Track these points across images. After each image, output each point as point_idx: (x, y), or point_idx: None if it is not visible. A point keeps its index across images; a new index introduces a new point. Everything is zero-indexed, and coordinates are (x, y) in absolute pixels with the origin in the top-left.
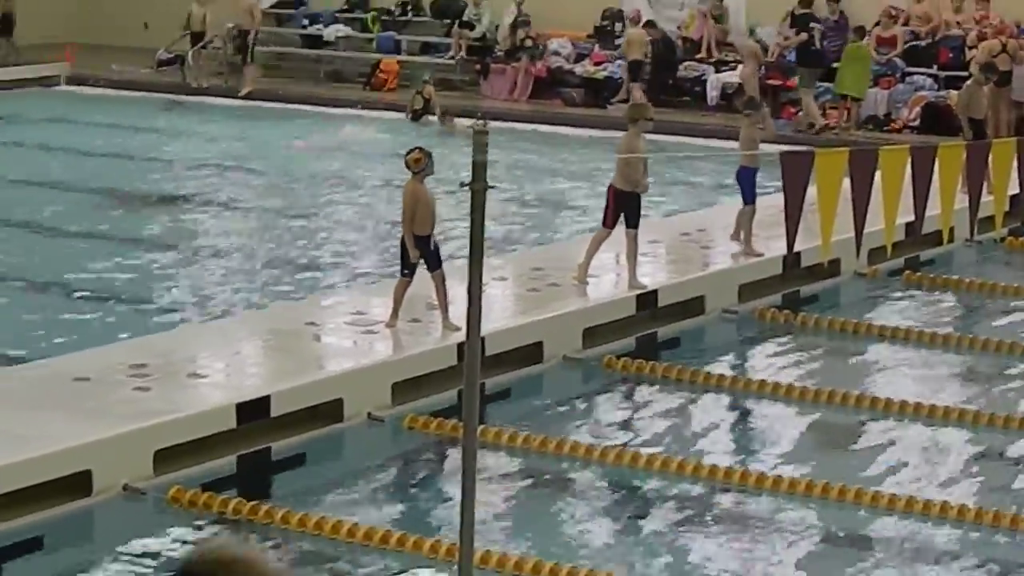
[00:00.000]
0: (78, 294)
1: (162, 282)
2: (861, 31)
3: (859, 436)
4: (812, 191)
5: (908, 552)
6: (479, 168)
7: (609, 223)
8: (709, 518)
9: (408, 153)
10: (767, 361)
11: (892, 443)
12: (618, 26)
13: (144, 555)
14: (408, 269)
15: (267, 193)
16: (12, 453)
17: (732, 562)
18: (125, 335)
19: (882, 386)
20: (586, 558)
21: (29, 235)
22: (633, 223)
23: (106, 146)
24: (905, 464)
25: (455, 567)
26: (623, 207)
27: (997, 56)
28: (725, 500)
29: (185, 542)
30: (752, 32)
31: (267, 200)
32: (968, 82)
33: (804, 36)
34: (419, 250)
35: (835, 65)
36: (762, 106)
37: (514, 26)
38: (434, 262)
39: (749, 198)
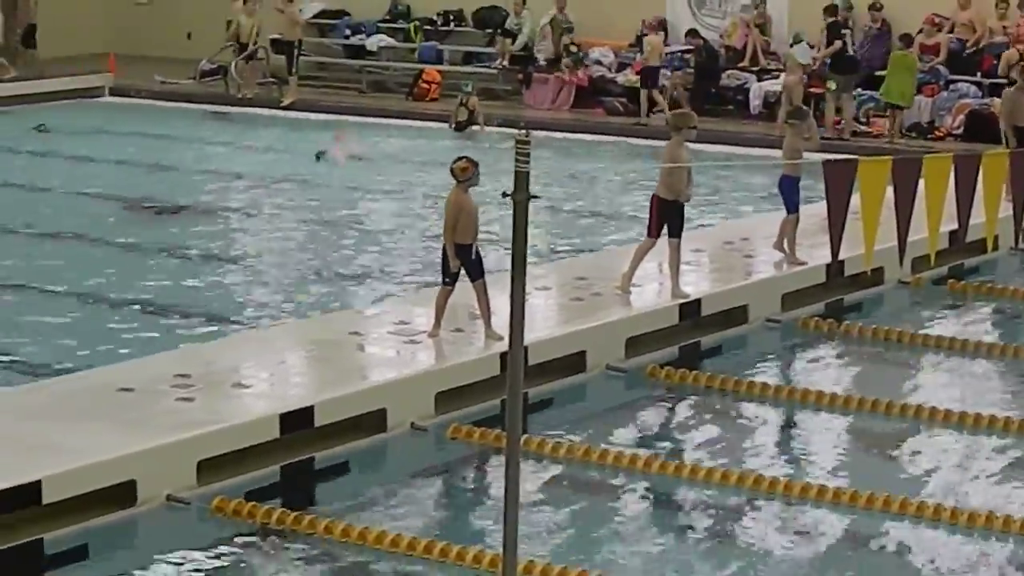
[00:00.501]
0: (122, 305)
1: (206, 292)
2: (907, 39)
3: (903, 445)
4: (855, 199)
5: (954, 563)
6: (521, 178)
7: (653, 232)
8: (753, 528)
9: (455, 161)
10: (810, 370)
11: (937, 452)
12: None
13: (188, 565)
14: (449, 278)
15: (309, 203)
16: (57, 464)
17: (777, 571)
18: (168, 346)
19: (927, 395)
20: (630, 569)
21: (74, 246)
22: (676, 232)
23: (150, 157)
24: (950, 474)
25: None
26: (666, 216)
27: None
28: (769, 510)
29: (229, 552)
30: (797, 41)
31: (310, 210)
32: (1010, 90)
33: (838, 44)
34: (460, 259)
35: (878, 73)
36: (808, 116)
37: (558, 33)
38: (476, 271)
39: (792, 207)
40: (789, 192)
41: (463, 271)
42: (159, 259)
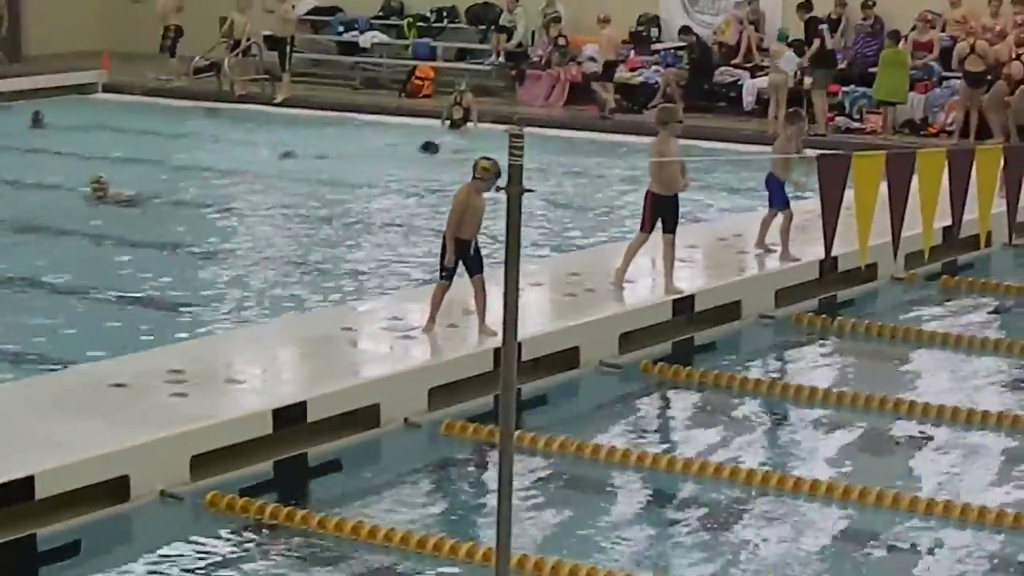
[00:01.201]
0: (115, 300)
1: (199, 288)
2: (896, 35)
3: (897, 440)
4: (849, 195)
5: (947, 557)
6: (515, 172)
7: (646, 227)
8: (746, 522)
9: (483, 159)
10: (803, 366)
11: (930, 447)
12: (654, 32)
13: (181, 560)
14: (446, 273)
15: (303, 199)
16: (50, 459)
17: (769, 566)
18: (162, 341)
19: (920, 391)
20: (622, 563)
21: (66, 241)
22: (671, 228)
23: (142, 153)
24: (944, 468)
25: (492, 572)
26: (660, 211)
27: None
28: (762, 504)
29: (222, 547)
30: (783, 37)
31: (304, 206)
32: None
33: (817, 43)
34: (459, 254)
35: (872, 70)
36: (803, 120)
37: (547, 25)
38: (475, 267)
39: (779, 203)
40: (775, 189)
41: (461, 267)
42: (151, 255)
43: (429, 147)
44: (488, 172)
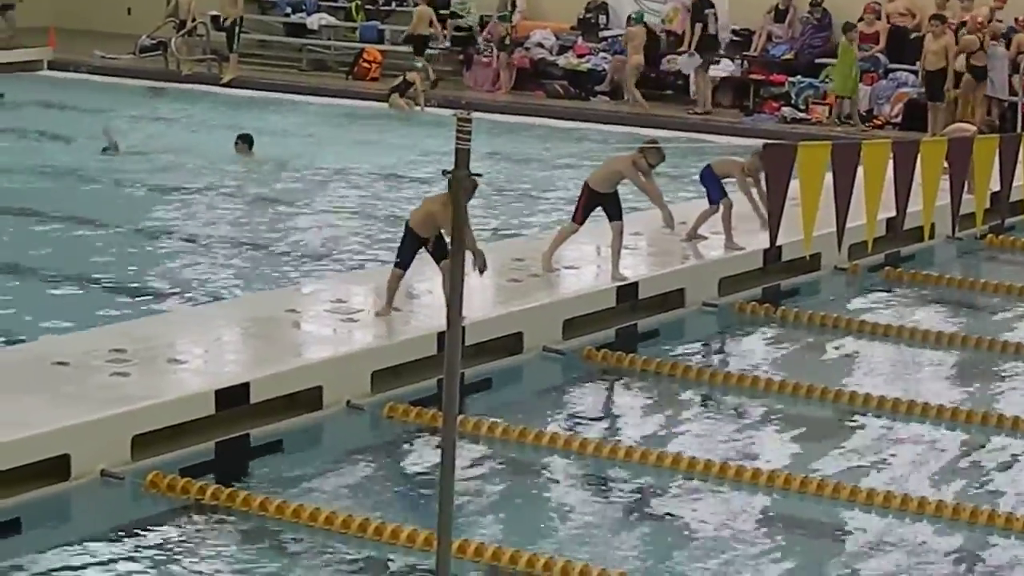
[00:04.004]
0: (58, 279)
1: (143, 268)
2: (850, 28)
3: (837, 430)
4: (794, 185)
5: (885, 548)
6: (462, 155)
7: (578, 219)
8: (685, 509)
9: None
10: (746, 354)
11: (870, 438)
12: (602, 19)
13: (122, 539)
14: (402, 260)
15: (249, 180)
16: None
17: (707, 554)
18: (105, 320)
19: (860, 381)
20: (563, 549)
21: (9, 219)
22: (617, 216)
23: (88, 131)
24: (883, 459)
25: (433, 556)
26: (595, 205)
27: (975, 53)
28: (702, 493)
29: (163, 527)
30: (638, 19)
31: (249, 187)
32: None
33: (699, 26)
34: (414, 248)
35: (818, 61)
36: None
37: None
38: (441, 253)
39: (717, 196)
40: (711, 183)
41: (421, 255)
42: (95, 233)
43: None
44: (468, 192)
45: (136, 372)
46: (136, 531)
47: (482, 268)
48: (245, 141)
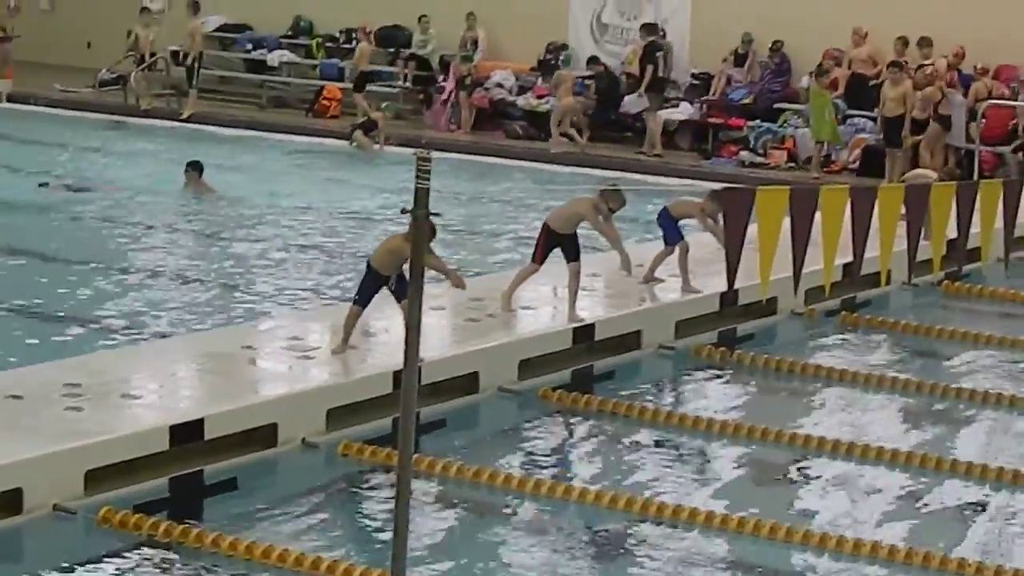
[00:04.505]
0: (12, 312)
1: (98, 302)
2: (820, 72)
3: (791, 473)
4: (752, 229)
5: None
6: (421, 194)
7: (537, 259)
8: (638, 551)
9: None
10: (702, 397)
11: (824, 482)
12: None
13: (73, 574)
14: (361, 297)
15: (205, 217)
16: None
17: None
18: (59, 354)
19: (815, 424)
20: None
21: None
22: (574, 256)
23: (45, 165)
24: (836, 502)
25: None
26: (554, 245)
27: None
28: (656, 534)
29: (115, 563)
30: (566, 61)
31: (205, 224)
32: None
33: (651, 68)
34: (376, 286)
35: (776, 106)
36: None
37: (460, 59)
38: (402, 293)
39: (674, 237)
40: (668, 225)
41: (379, 294)
42: (50, 266)
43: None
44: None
45: (90, 406)
46: (88, 566)
47: (459, 285)
48: (195, 168)
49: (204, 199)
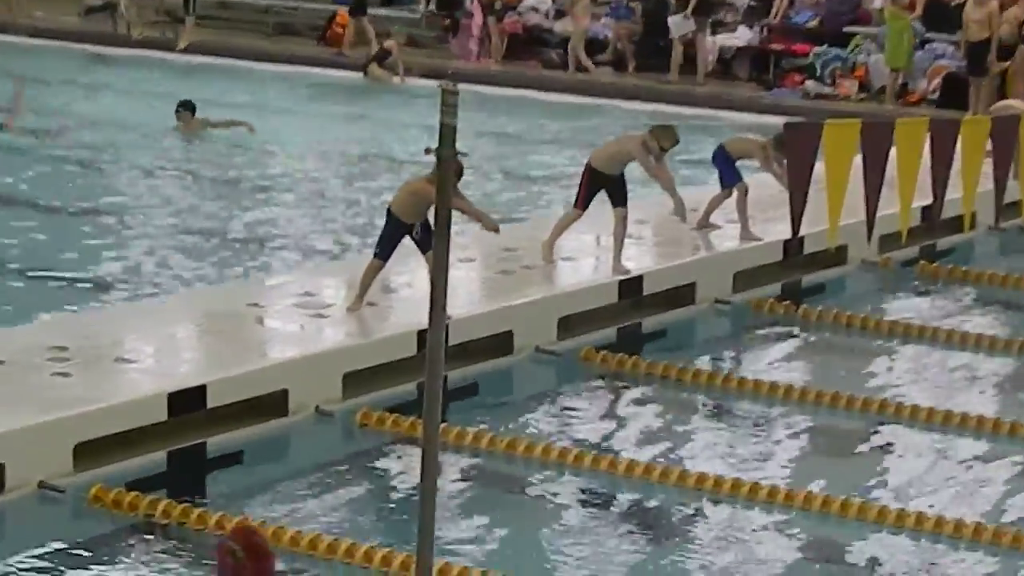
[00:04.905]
0: None
1: (86, 256)
2: None
3: (865, 443)
4: (819, 168)
5: (914, 574)
6: (447, 132)
7: (580, 204)
8: (693, 532)
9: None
10: (763, 358)
11: (901, 452)
12: None
13: (59, 561)
14: (383, 250)
15: (204, 159)
16: None
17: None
18: (45, 313)
19: (891, 388)
20: (556, 574)
21: None
22: (621, 201)
23: (27, 101)
24: (915, 476)
25: None
26: (599, 188)
27: None
28: (714, 513)
29: (107, 548)
30: None
31: (205, 167)
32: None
33: None
34: (398, 236)
35: (846, 30)
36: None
37: None
38: (427, 243)
39: (731, 179)
40: (724, 165)
41: (402, 245)
42: (30, 216)
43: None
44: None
45: (79, 373)
46: (77, 552)
47: (492, 228)
48: (187, 108)
49: (199, 139)
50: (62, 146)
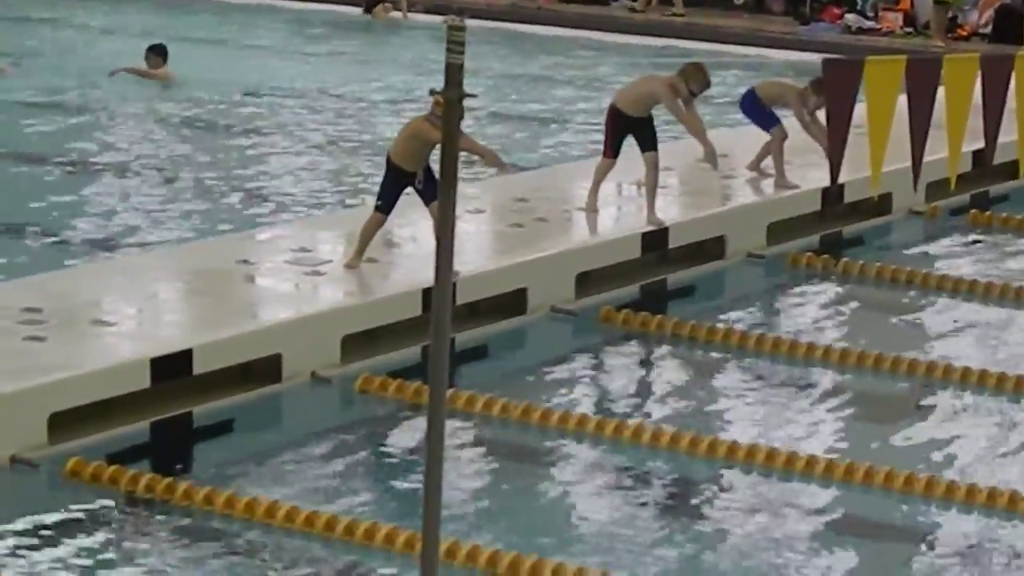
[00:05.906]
0: None
1: (59, 209)
2: None
3: (912, 409)
4: (860, 109)
5: (967, 551)
6: (454, 71)
7: (609, 152)
8: (725, 506)
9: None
10: (800, 316)
11: (951, 419)
12: None
13: (33, 539)
14: (384, 202)
15: (190, 102)
16: None
17: (749, 559)
18: (16, 273)
19: (939, 348)
20: (574, 552)
21: None
22: (650, 145)
23: (4, 43)
24: (966, 444)
25: (416, 562)
26: (626, 132)
27: None
28: (745, 484)
29: (85, 525)
30: None
31: (191, 112)
32: None
33: None
34: (400, 186)
35: None
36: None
37: None
38: (431, 194)
39: (768, 123)
40: (755, 111)
41: (406, 195)
42: (7, 166)
43: None
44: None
45: (53, 336)
46: (53, 528)
47: (498, 165)
48: (158, 53)
49: (177, 86)
50: (23, 88)
